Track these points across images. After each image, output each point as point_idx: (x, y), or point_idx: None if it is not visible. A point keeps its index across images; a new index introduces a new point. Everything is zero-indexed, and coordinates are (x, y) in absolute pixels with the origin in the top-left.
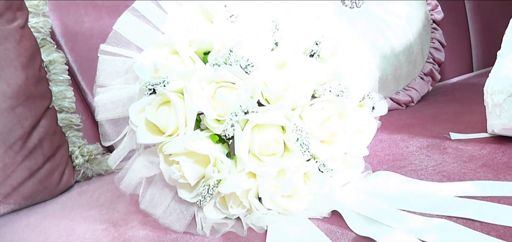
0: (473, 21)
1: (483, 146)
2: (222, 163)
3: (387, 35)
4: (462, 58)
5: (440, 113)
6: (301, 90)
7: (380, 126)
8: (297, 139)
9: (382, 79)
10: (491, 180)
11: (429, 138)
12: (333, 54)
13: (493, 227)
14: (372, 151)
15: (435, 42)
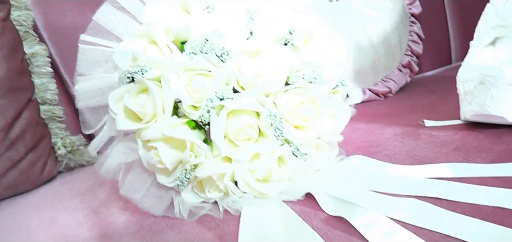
0: (452, 15)
1: (456, 132)
2: (198, 148)
3: (365, 28)
4: (440, 51)
5: (416, 103)
6: (275, 77)
7: (357, 115)
8: (271, 124)
9: (361, 70)
10: (461, 162)
11: (404, 126)
12: (306, 43)
13: (459, 205)
14: (348, 138)
15: (413, 35)
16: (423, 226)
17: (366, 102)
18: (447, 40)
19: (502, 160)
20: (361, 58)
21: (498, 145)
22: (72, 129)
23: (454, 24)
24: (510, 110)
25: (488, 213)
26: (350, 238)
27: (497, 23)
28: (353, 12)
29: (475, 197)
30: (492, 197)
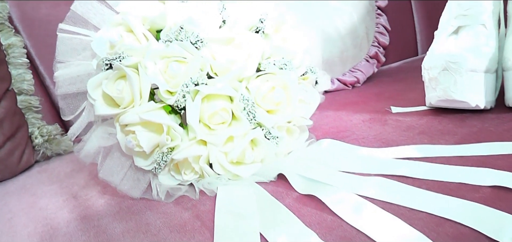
0: (417, 8)
1: (421, 117)
2: (175, 131)
3: (334, 20)
4: (407, 43)
5: (383, 91)
6: (247, 63)
7: (326, 103)
8: (244, 108)
9: (329, 61)
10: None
11: (371, 113)
12: (277, 31)
13: (424, 182)
14: (317, 125)
15: (379, 27)
16: (390, 201)
17: (334, 92)
18: (413, 32)
19: (466, 141)
20: (330, 49)
21: (461, 128)
22: (48, 119)
23: (419, 16)
24: (472, 95)
25: (451, 188)
26: (321, 214)
27: (460, 13)
28: (322, 4)
29: (440, 175)
30: (455, 174)
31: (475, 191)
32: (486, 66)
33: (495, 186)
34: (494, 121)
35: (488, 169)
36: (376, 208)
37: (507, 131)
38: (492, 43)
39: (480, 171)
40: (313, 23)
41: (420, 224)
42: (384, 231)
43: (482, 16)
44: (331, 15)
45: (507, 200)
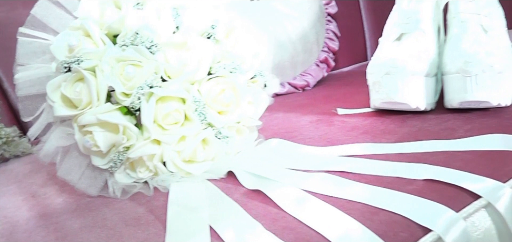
0: (367, 15)
1: (366, 118)
2: (130, 131)
3: (284, 26)
4: (357, 48)
5: (332, 94)
6: (199, 67)
7: (276, 105)
8: (196, 109)
9: (280, 65)
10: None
11: (319, 114)
12: (227, 36)
13: (364, 176)
14: (267, 126)
15: (329, 33)
16: (331, 194)
17: (285, 95)
18: (362, 38)
19: (405, 140)
20: (281, 54)
21: (402, 128)
22: (5, 121)
23: (369, 23)
24: (413, 97)
25: (388, 181)
26: (266, 207)
27: (402, 21)
28: (273, 11)
29: (378, 170)
30: (393, 169)
31: (409, 184)
32: (426, 71)
33: (429, 179)
34: (433, 121)
35: (423, 164)
36: (318, 201)
37: (444, 130)
38: (432, 49)
39: (415, 166)
40: (265, 29)
41: (356, 213)
42: (323, 220)
43: (422, 24)
44: (282, 22)
45: (438, 191)
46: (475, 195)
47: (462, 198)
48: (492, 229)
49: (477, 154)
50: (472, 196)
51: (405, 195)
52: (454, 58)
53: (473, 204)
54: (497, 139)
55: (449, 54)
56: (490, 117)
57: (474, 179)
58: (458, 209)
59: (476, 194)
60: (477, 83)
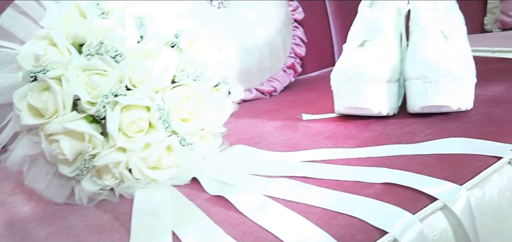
0: (334, 20)
1: (329, 123)
2: (96, 139)
3: (251, 32)
4: (324, 54)
5: (298, 99)
6: (163, 76)
7: (243, 111)
8: (160, 117)
9: (247, 71)
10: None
11: (284, 120)
12: (191, 44)
13: (324, 181)
14: (233, 132)
15: (296, 38)
16: (291, 199)
17: (252, 100)
18: (330, 43)
19: (366, 144)
20: (248, 60)
21: (364, 132)
22: None
23: (336, 28)
24: (375, 103)
25: (347, 186)
26: (228, 212)
27: (365, 28)
28: (240, 17)
29: (338, 174)
30: (353, 174)
31: (368, 188)
32: (388, 76)
33: (387, 183)
34: (395, 125)
35: (382, 168)
36: (278, 206)
37: (405, 134)
38: (394, 55)
39: (375, 170)
40: (232, 36)
41: (315, 218)
42: (283, 225)
43: (384, 31)
44: (249, 28)
45: (396, 194)
46: (432, 197)
47: (419, 201)
48: (448, 230)
49: (435, 157)
50: (429, 198)
51: (363, 199)
52: (415, 64)
53: (430, 206)
54: (456, 142)
55: (410, 60)
56: (451, 121)
57: (431, 182)
58: (415, 211)
59: (433, 197)
60: (437, 88)
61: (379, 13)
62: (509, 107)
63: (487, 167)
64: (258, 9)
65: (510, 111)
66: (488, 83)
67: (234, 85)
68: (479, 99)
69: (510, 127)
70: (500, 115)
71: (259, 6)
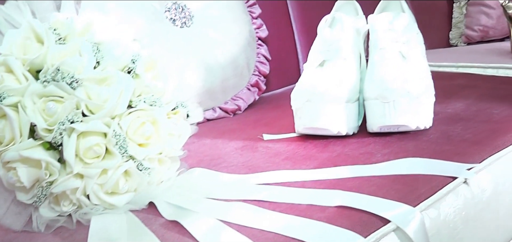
0: (300, 37)
1: (290, 143)
2: (53, 167)
3: (214, 51)
4: (290, 71)
5: (261, 118)
6: (119, 102)
7: (206, 131)
8: (116, 143)
9: (210, 90)
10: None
11: (245, 140)
12: (147, 70)
13: (279, 205)
14: (194, 153)
15: (260, 56)
16: (245, 225)
17: (216, 120)
18: (296, 60)
19: (324, 166)
20: (211, 79)
21: (323, 153)
22: None
23: (302, 45)
24: (334, 123)
25: (301, 209)
26: (183, 238)
27: (324, 48)
28: (203, 37)
29: (294, 198)
30: (308, 197)
31: (321, 211)
32: (347, 97)
33: (341, 206)
34: (354, 145)
35: (337, 191)
36: (232, 231)
37: (363, 154)
38: (353, 75)
39: (329, 192)
40: (195, 55)
41: None
42: None
43: (343, 52)
44: (211, 47)
45: (349, 217)
46: (386, 219)
47: (372, 223)
48: None
49: (391, 178)
50: (383, 220)
51: (316, 223)
52: (373, 84)
53: (382, 229)
54: (412, 163)
55: (369, 80)
56: (409, 140)
57: (385, 204)
58: (367, 234)
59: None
60: (395, 108)
61: (338, 34)
62: (467, 125)
63: (442, 187)
64: (221, 28)
65: (468, 130)
66: (449, 100)
67: (193, 107)
68: (439, 117)
69: (467, 146)
70: (458, 133)
71: (222, 25)
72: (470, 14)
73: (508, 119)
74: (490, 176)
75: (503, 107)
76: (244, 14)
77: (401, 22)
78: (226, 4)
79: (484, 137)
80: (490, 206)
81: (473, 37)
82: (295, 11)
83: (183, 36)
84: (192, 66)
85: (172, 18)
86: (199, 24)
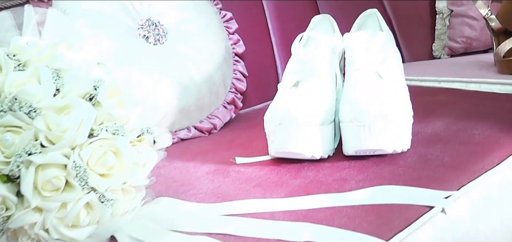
0: (279, 52)
1: (262, 168)
2: (9, 201)
3: (188, 69)
4: (269, 85)
5: (236, 138)
6: (79, 131)
7: (178, 153)
8: (76, 175)
9: (185, 109)
10: (259, 198)
11: (218, 163)
12: (111, 96)
13: (245, 239)
14: (164, 178)
15: (237, 73)
16: None
17: (190, 139)
18: (275, 75)
19: (295, 194)
20: (186, 98)
21: (296, 179)
22: None
23: (281, 60)
24: (307, 147)
25: None
26: None
27: (298, 68)
28: (177, 54)
29: (261, 232)
30: (276, 230)
31: None
32: (322, 119)
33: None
34: (328, 170)
35: (306, 224)
36: None
37: (336, 181)
38: (328, 96)
39: (299, 225)
40: (169, 75)
41: None
42: None
43: (318, 72)
44: (186, 65)
45: None
46: None
47: None
48: None
49: (364, 209)
50: None
51: None
52: (347, 107)
53: None
54: (387, 191)
55: (344, 102)
56: (385, 165)
57: (355, 239)
58: None
59: None
60: (371, 131)
61: (312, 53)
62: (446, 148)
63: (418, 217)
64: (197, 45)
65: (446, 152)
66: (429, 118)
67: (161, 131)
68: (418, 137)
69: (445, 171)
70: (437, 156)
71: (198, 42)
72: (453, 25)
73: (488, 141)
74: (469, 203)
75: (484, 127)
76: (220, 30)
77: (378, 40)
78: (201, 20)
79: (463, 160)
80: (469, 236)
81: (456, 49)
82: (274, 25)
83: (156, 54)
84: (166, 85)
85: (145, 35)
86: (173, 41)
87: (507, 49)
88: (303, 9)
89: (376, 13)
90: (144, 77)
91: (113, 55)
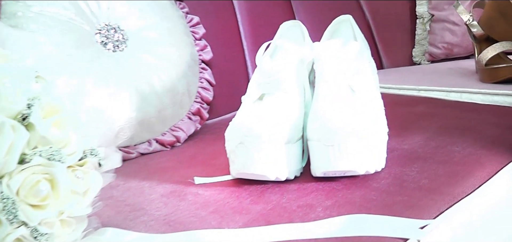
0: (251, 57)
1: (223, 190)
2: None
3: (149, 78)
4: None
5: (198, 154)
6: (7, 158)
7: (135, 171)
8: (4, 208)
9: (145, 121)
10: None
11: (176, 183)
12: (47, 115)
13: None
14: (116, 201)
15: (203, 81)
16: None
17: (151, 154)
18: (246, 82)
19: (255, 222)
20: (146, 109)
21: (257, 204)
22: None
23: (254, 66)
24: (270, 168)
25: None
26: None
27: (263, 80)
28: (137, 62)
29: None
30: None
31: None
32: (287, 138)
33: None
34: (294, 194)
35: None
36: None
37: (301, 207)
38: (295, 112)
39: None
40: (127, 84)
41: None
42: None
43: (285, 84)
44: (147, 74)
45: None
46: None
47: None
48: None
49: None
50: None
51: None
52: (315, 124)
53: None
54: (356, 221)
55: (311, 119)
56: (357, 188)
57: None
58: None
59: None
60: (341, 152)
61: (279, 63)
62: (424, 167)
63: None
64: (158, 52)
65: (424, 172)
66: (407, 133)
67: (107, 153)
68: (394, 155)
69: (422, 195)
70: (413, 177)
71: (160, 49)
72: (434, 31)
73: (469, 159)
74: (449, 232)
75: (464, 144)
76: (185, 36)
77: (350, 50)
78: (165, 25)
79: (442, 182)
80: None
81: (437, 55)
82: (246, 28)
83: (115, 61)
84: (124, 95)
85: (103, 41)
86: (133, 48)
87: (489, 57)
88: (277, 10)
89: (350, 19)
90: (99, 87)
91: (64, 64)
